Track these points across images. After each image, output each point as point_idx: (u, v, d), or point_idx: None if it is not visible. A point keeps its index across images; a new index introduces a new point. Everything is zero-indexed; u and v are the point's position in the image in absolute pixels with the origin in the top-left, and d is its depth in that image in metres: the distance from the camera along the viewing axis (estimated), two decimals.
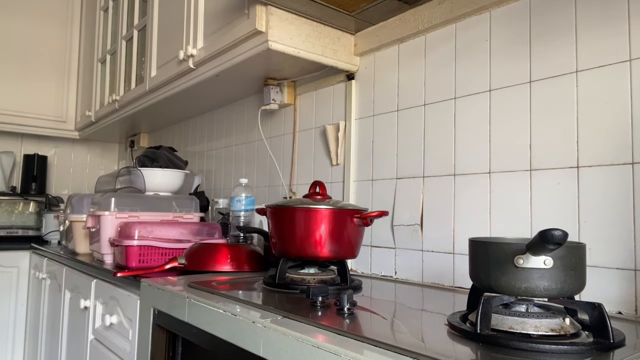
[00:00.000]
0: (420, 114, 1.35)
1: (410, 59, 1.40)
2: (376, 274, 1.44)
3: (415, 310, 1.01)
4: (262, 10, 1.38)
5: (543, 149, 1.07)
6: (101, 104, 2.68)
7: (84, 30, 3.02)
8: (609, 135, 0.97)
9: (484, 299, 0.70)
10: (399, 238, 1.38)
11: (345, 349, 0.64)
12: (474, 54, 1.22)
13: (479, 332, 0.68)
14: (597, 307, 0.69)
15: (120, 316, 1.38)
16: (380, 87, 1.49)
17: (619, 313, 0.93)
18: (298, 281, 1.13)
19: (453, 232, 1.24)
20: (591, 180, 0.99)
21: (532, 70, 1.10)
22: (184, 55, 1.72)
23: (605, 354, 0.65)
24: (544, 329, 0.69)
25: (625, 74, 0.95)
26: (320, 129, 1.69)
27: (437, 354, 0.61)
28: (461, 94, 1.25)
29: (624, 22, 0.96)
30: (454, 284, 1.22)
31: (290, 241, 1.16)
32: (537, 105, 1.09)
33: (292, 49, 1.42)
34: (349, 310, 0.85)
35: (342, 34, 1.53)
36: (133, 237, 1.49)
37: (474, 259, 0.79)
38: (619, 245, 0.94)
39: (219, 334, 0.88)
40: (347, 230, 1.16)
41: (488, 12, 1.20)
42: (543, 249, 0.67)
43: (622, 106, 0.96)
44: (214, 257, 1.39)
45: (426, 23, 1.33)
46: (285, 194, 1.82)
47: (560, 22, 1.06)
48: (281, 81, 1.81)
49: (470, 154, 1.21)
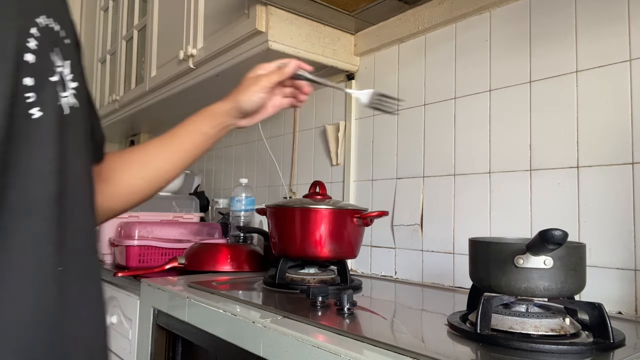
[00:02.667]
0: (420, 114, 1.35)
1: (410, 59, 1.40)
2: (376, 274, 1.44)
3: (415, 310, 1.01)
4: (262, 10, 1.38)
5: (543, 149, 1.07)
6: (101, 104, 2.68)
7: (84, 30, 3.02)
8: (609, 135, 0.97)
9: (484, 299, 0.70)
10: (399, 238, 1.38)
11: (345, 349, 0.64)
12: (474, 54, 1.22)
13: (479, 332, 0.68)
14: (597, 307, 0.69)
15: (120, 316, 1.38)
16: (380, 87, 1.48)
17: (619, 313, 0.93)
18: (298, 281, 1.13)
19: (453, 232, 1.24)
20: (591, 180, 0.99)
21: (532, 70, 1.10)
22: (184, 55, 1.72)
23: (605, 354, 0.66)
24: (544, 329, 0.69)
25: (625, 74, 0.95)
26: (320, 129, 1.69)
27: (437, 354, 0.61)
28: (461, 94, 1.25)
29: (623, 22, 0.96)
30: (454, 284, 1.22)
31: (290, 241, 1.16)
32: (537, 105, 1.09)
33: (292, 49, 1.42)
34: (349, 310, 0.85)
35: (342, 34, 1.53)
36: (133, 237, 1.49)
37: (474, 259, 0.79)
38: (619, 245, 0.94)
39: (219, 334, 0.88)
40: (347, 230, 1.16)
41: (488, 12, 1.20)
42: (543, 249, 0.67)
43: (622, 106, 0.96)
44: (214, 257, 1.39)
45: (426, 23, 1.33)
46: (285, 194, 1.82)
47: (560, 22, 1.06)
48: None
49: (470, 154, 1.21)
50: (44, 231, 0.40)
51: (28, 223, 0.39)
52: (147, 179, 0.73)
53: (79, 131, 0.47)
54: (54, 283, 0.41)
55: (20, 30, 0.40)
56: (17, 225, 0.38)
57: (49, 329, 0.40)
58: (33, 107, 0.40)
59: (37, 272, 0.39)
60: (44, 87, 0.42)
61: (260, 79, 0.81)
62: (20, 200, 0.39)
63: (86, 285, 0.46)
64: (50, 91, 0.42)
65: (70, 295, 0.43)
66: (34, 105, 0.40)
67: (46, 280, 0.40)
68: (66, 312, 0.42)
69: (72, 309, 0.43)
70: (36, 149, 0.40)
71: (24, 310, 0.38)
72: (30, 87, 0.40)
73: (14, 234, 0.38)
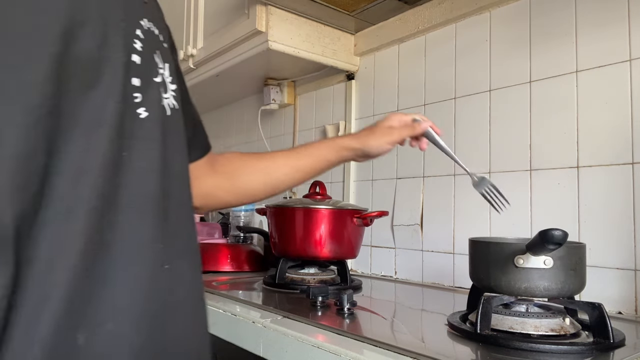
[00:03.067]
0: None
1: (410, 59, 1.40)
2: (376, 274, 1.44)
3: (415, 310, 1.01)
4: (262, 10, 1.38)
5: (543, 149, 1.07)
6: None
7: None
8: (609, 135, 0.97)
9: (484, 299, 0.70)
10: (399, 238, 1.37)
11: (345, 349, 0.64)
12: (474, 54, 1.22)
13: (479, 332, 0.68)
14: (597, 307, 0.69)
15: None
16: (380, 87, 1.48)
17: (619, 313, 0.93)
18: (298, 281, 1.13)
19: (453, 232, 1.24)
20: (591, 180, 0.99)
21: (532, 70, 1.10)
22: (184, 55, 1.72)
23: (605, 354, 0.66)
24: (544, 329, 0.69)
25: (625, 74, 0.95)
26: (320, 129, 1.69)
27: (437, 354, 0.61)
28: (461, 94, 1.25)
29: (624, 22, 0.96)
30: (454, 284, 1.22)
31: (290, 241, 1.16)
32: (537, 105, 1.09)
33: (292, 49, 1.42)
34: (349, 310, 0.85)
35: (342, 34, 1.53)
36: None
37: (474, 259, 0.79)
38: (619, 245, 0.94)
39: (219, 334, 0.88)
40: (347, 230, 1.16)
41: (488, 12, 1.20)
42: (543, 249, 0.67)
43: (622, 106, 0.96)
44: (214, 257, 1.39)
45: (426, 23, 1.33)
46: (285, 194, 1.82)
47: (560, 22, 1.06)
48: (281, 81, 1.81)
49: (470, 154, 1.21)
50: (153, 229, 0.41)
51: (139, 221, 0.40)
52: (268, 186, 0.81)
53: (178, 131, 0.49)
54: (161, 280, 0.41)
55: (126, 31, 0.41)
56: (129, 222, 0.39)
57: (153, 324, 0.40)
58: (140, 107, 0.41)
59: (146, 269, 0.40)
60: (149, 87, 0.43)
61: (393, 132, 0.85)
62: (132, 198, 0.39)
63: (193, 285, 0.47)
64: (155, 92, 0.44)
65: (175, 294, 0.43)
66: (141, 105, 0.41)
67: (154, 276, 0.41)
68: (171, 310, 0.42)
69: (177, 308, 0.43)
70: (144, 148, 0.41)
71: (132, 302, 0.39)
72: (137, 88, 0.41)
73: (125, 230, 0.39)
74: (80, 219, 0.36)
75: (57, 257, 0.35)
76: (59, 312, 0.34)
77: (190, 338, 0.46)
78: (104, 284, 0.37)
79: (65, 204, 0.35)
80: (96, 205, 0.37)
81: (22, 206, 0.33)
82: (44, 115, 0.34)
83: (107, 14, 0.39)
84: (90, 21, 0.37)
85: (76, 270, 0.35)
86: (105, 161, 0.38)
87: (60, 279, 0.35)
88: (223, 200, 0.78)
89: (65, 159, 0.35)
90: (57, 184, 0.35)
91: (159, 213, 0.42)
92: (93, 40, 0.37)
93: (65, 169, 0.35)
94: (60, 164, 0.35)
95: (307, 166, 0.82)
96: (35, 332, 0.33)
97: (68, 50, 0.36)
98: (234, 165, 0.78)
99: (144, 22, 0.44)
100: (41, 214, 0.34)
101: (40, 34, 0.35)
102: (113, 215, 0.38)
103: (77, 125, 0.36)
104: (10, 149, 0.33)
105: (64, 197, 0.35)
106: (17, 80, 0.34)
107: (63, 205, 0.35)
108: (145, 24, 0.45)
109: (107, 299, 0.37)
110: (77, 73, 0.36)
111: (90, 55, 0.37)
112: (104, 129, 0.38)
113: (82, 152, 0.36)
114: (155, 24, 0.47)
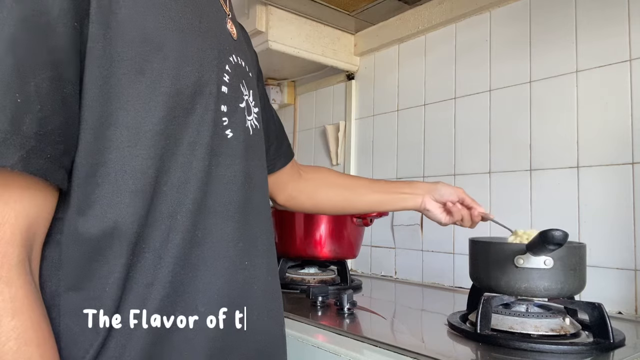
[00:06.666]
0: (420, 114, 1.35)
1: (410, 59, 1.40)
2: (376, 274, 1.44)
3: (415, 310, 1.01)
4: (262, 10, 1.38)
5: (543, 149, 1.07)
6: None
7: None
8: (609, 135, 0.97)
9: (484, 299, 0.70)
10: (399, 238, 1.37)
11: (345, 349, 0.64)
12: (474, 54, 1.22)
13: (479, 332, 0.68)
14: (597, 307, 0.69)
15: None
16: (380, 87, 1.48)
17: (619, 313, 0.93)
18: (298, 281, 1.13)
19: (453, 232, 1.24)
20: (591, 180, 0.99)
21: (532, 70, 1.10)
22: None
23: (605, 354, 0.66)
24: (544, 329, 0.69)
25: (625, 74, 0.95)
26: (320, 129, 1.69)
27: (437, 354, 0.61)
28: (461, 94, 1.25)
29: (623, 22, 0.96)
30: (454, 284, 1.22)
31: (290, 241, 1.16)
32: (537, 105, 1.09)
33: (292, 49, 1.42)
34: (349, 310, 0.85)
35: (342, 34, 1.53)
36: None
37: (474, 259, 0.79)
38: (619, 245, 0.94)
39: None
40: (347, 230, 1.16)
41: (488, 12, 1.20)
42: (543, 249, 0.67)
43: (622, 106, 0.96)
44: None
45: (426, 23, 1.33)
46: None
47: (560, 22, 1.06)
48: (281, 81, 1.81)
49: (470, 154, 1.21)
50: (235, 230, 0.49)
51: (224, 223, 0.48)
52: (344, 203, 0.88)
53: (259, 148, 0.57)
54: (241, 274, 0.49)
55: (219, 67, 0.50)
56: (216, 224, 0.47)
57: (231, 313, 0.47)
58: (227, 129, 0.50)
59: (229, 264, 0.48)
60: (235, 112, 0.51)
61: (462, 190, 0.90)
62: (218, 204, 0.48)
63: (269, 281, 0.53)
64: (240, 116, 0.52)
65: (252, 288, 0.50)
66: (228, 127, 0.50)
67: (236, 270, 0.48)
68: (250, 302, 0.49)
69: (254, 301, 0.50)
70: (229, 163, 0.50)
71: (218, 292, 0.46)
72: (225, 113, 0.50)
73: (213, 230, 0.47)
74: (180, 219, 0.44)
75: (163, 250, 0.43)
76: (162, 295, 0.43)
77: (264, 330, 0.51)
78: (196, 274, 0.45)
79: (169, 208, 0.44)
80: (191, 209, 0.45)
81: (135, 209, 0.42)
82: (158, 138, 0.43)
83: (203, 55, 0.48)
84: (190, 62, 0.46)
85: (176, 261, 0.44)
86: (199, 174, 0.46)
87: (164, 267, 0.43)
88: (304, 205, 0.86)
89: (171, 174, 0.44)
90: (166, 192, 0.44)
91: (240, 217, 0.50)
92: (192, 77, 0.46)
93: (170, 181, 0.44)
94: (166, 177, 0.44)
95: (383, 202, 0.89)
96: (142, 312, 0.42)
97: (176, 85, 0.45)
98: (321, 174, 0.88)
99: (232, 58, 0.53)
100: (150, 215, 0.43)
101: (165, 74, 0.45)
102: (203, 218, 0.46)
103: (179, 146, 0.45)
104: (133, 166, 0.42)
105: (169, 203, 0.44)
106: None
107: (168, 209, 0.44)
108: (234, 58, 0.53)
109: (198, 287, 0.45)
110: (181, 103, 0.45)
111: (190, 90, 0.46)
112: (199, 149, 0.46)
113: (183, 168, 0.45)
114: (243, 56, 0.56)
